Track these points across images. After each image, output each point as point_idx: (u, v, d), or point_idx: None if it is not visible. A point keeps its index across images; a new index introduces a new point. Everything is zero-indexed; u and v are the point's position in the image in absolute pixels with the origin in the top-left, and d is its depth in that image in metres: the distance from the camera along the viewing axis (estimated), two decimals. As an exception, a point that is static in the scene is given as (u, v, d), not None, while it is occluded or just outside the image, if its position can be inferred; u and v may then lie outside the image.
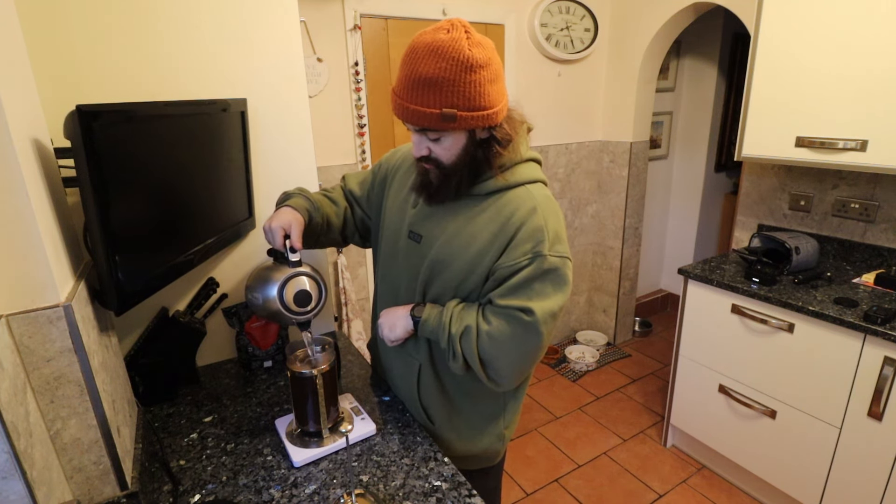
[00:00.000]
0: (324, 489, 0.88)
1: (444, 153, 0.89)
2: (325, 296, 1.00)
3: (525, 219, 0.90)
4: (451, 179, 0.91)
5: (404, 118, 0.85)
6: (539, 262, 0.88)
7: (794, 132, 1.73)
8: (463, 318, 0.93)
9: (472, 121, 0.84)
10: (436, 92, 0.80)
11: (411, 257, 1.00)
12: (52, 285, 0.72)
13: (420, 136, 0.89)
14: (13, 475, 0.61)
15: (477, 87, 0.81)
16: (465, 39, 0.80)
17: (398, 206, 1.05)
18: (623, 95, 2.82)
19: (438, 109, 0.81)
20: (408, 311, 0.99)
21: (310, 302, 0.97)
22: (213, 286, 1.26)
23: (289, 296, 0.95)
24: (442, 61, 0.79)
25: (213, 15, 1.17)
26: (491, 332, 0.90)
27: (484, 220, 0.92)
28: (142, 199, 0.91)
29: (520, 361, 0.93)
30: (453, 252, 0.94)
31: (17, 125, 0.69)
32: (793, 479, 1.78)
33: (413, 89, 0.82)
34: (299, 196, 1.07)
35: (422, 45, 0.81)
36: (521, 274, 0.89)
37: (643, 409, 2.62)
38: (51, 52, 1.01)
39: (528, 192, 0.93)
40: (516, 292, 0.89)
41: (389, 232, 1.07)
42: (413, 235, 1.00)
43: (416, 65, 0.81)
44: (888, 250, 1.88)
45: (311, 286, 0.98)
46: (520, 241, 0.89)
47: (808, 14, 1.63)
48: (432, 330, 0.96)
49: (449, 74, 0.79)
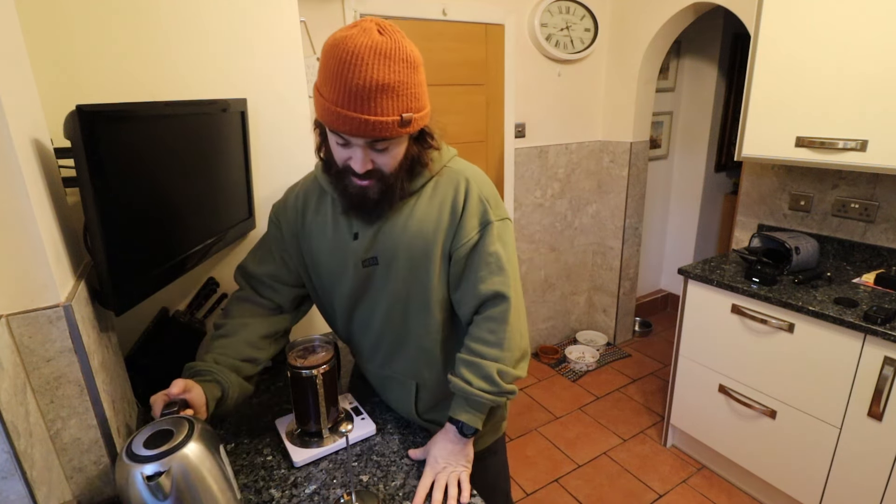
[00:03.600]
0: (324, 489, 0.88)
1: (390, 161, 0.84)
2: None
3: (464, 195, 0.91)
4: (394, 187, 0.87)
5: (359, 132, 0.77)
6: (489, 230, 0.91)
7: (794, 132, 1.73)
8: (484, 374, 0.90)
9: (421, 121, 0.83)
10: (393, 98, 0.76)
11: (375, 282, 0.96)
12: (52, 285, 0.72)
13: (364, 150, 0.82)
14: (13, 475, 0.61)
15: (421, 86, 0.81)
16: (401, 38, 0.77)
17: (332, 247, 0.97)
18: (623, 95, 2.82)
19: (397, 116, 0.77)
20: (457, 436, 0.92)
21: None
22: (213, 286, 1.26)
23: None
24: (394, 64, 0.74)
25: (214, 15, 1.17)
26: (503, 346, 0.91)
27: (426, 209, 0.92)
28: (142, 200, 0.91)
29: (523, 334, 0.95)
30: (413, 252, 0.92)
31: (17, 125, 0.69)
32: (793, 479, 1.78)
33: (370, 99, 0.74)
34: (197, 373, 0.92)
35: (362, 49, 0.73)
36: (477, 248, 0.91)
37: (643, 409, 2.62)
38: (51, 53, 1.01)
39: (452, 169, 0.94)
40: (487, 270, 0.91)
41: (328, 277, 1.00)
42: (368, 262, 0.94)
43: (366, 73, 0.73)
44: (888, 250, 1.88)
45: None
46: (467, 217, 0.91)
47: (808, 14, 1.63)
48: (484, 413, 0.93)
49: (402, 77, 0.76)
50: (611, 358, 3.10)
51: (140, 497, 0.67)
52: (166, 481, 0.67)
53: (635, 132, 2.84)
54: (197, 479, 0.71)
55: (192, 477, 0.71)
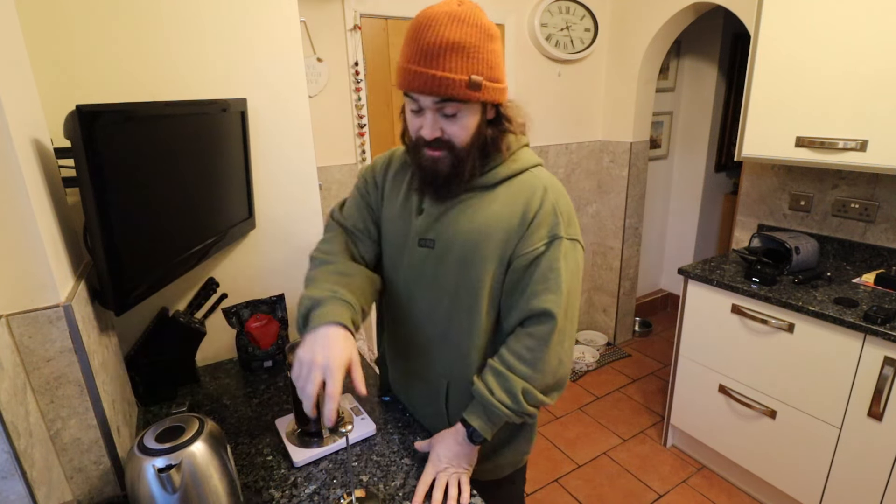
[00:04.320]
0: (324, 489, 0.88)
1: (460, 132, 0.83)
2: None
3: (539, 203, 0.88)
4: (464, 165, 0.85)
5: (427, 88, 0.78)
6: (557, 245, 0.87)
7: (794, 132, 1.73)
8: (508, 388, 0.87)
9: (493, 93, 0.81)
10: (463, 57, 0.77)
11: (427, 265, 0.94)
12: (52, 285, 0.72)
13: (434, 114, 0.82)
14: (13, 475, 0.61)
15: (496, 57, 0.80)
16: (478, 10, 0.80)
17: (398, 215, 0.98)
18: (623, 95, 2.82)
19: (466, 76, 0.77)
20: (466, 440, 0.90)
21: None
22: (213, 286, 1.26)
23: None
24: (466, 27, 0.76)
25: (214, 15, 1.17)
26: (537, 367, 0.87)
27: (497, 208, 0.89)
28: (142, 199, 0.91)
29: (564, 363, 0.91)
30: (473, 247, 0.89)
31: (17, 125, 0.69)
32: (793, 479, 1.78)
33: (438, 56, 0.76)
34: (335, 301, 0.85)
35: (439, 14, 0.77)
36: (542, 261, 0.87)
37: (643, 409, 2.62)
38: (51, 53, 1.01)
39: (534, 175, 0.91)
40: (543, 285, 0.87)
41: (392, 247, 1.00)
42: (424, 242, 0.93)
43: (439, 31, 0.76)
44: (888, 250, 1.88)
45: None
46: (536, 226, 0.87)
47: (808, 14, 1.63)
48: (497, 426, 0.90)
49: (475, 40, 0.77)
50: (611, 358, 3.10)
51: (150, 490, 0.69)
52: (177, 475, 0.69)
53: (635, 132, 2.84)
54: (204, 476, 0.73)
55: (199, 473, 0.72)
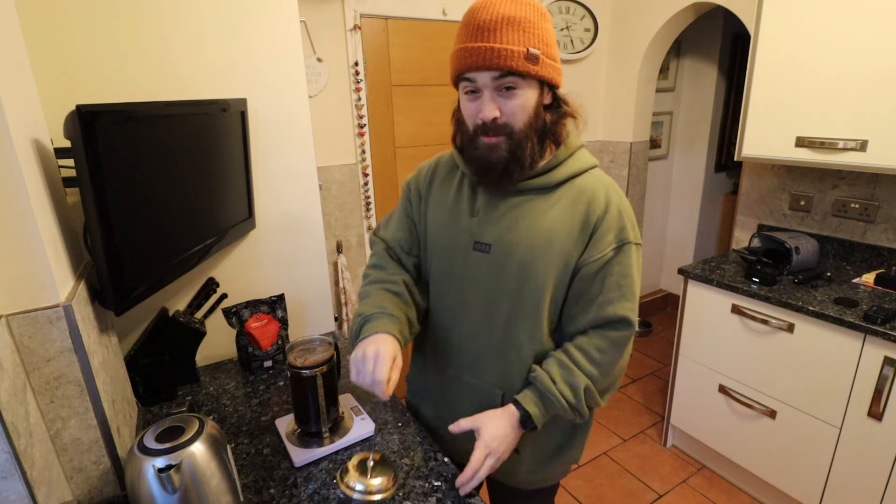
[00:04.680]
0: (324, 489, 0.88)
1: (518, 111, 0.81)
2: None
3: (604, 206, 0.85)
4: (522, 150, 0.83)
5: (486, 62, 0.77)
6: (626, 250, 0.85)
7: (794, 132, 1.73)
8: (571, 383, 0.86)
9: (551, 70, 0.81)
10: (520, 31, 0.77)
11: (482, 271, 0.90)
12: (52, 285, 0.72)
13: (491, 93, 0.80)
14: (13, 475, 0.61)
15: (551, 34, 0.81)
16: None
17: (447, 221, 0.95)
18: (623, 95, 2.82)
19: (524, 48, 0.77)
20: (516, 423, 0.88)
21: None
22: (213, 286, 1.26)
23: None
24: (521, 5, 0.78)
25: (214, 15, 1.17)
26: (602, 371, 0.87)
27: (559, 211, 0.86)
28: (142, 199, 0.91)
29: (623, 367, 0.90)
30: (535, 253, 0.86)
31: (17, 125, 0.69)
32: (793, 479, 1.78)
33: (495, 30, 0.77)
34: (383, 316, 0.90)
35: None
36: (613, 268, 0.85)
37: (643, 409, 2.62)
38: (51, 52, 1.01)
39: (595, 177, 0.89)
40: (618, 292, 0.85)
41: (442, 251, 0.96)
42: (480, 246, 0.90)
43: (494, 9, 0.77)
44: (888, 250, 1.88)
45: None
46: (604, 231, 0.85)
47: (808, 14, 1.63)
48: (547, 418, 0.89)
49: (530, 16, 0.78)
50: (611, 358, 3.10)
51: (150, 490, 0.69)
52: (176, 475, 0.69)
53: (635, 132, 2.84)
54: (204, 476, 0.73)
55: (199, 473, 0.72)
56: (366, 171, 2.22)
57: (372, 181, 2.25)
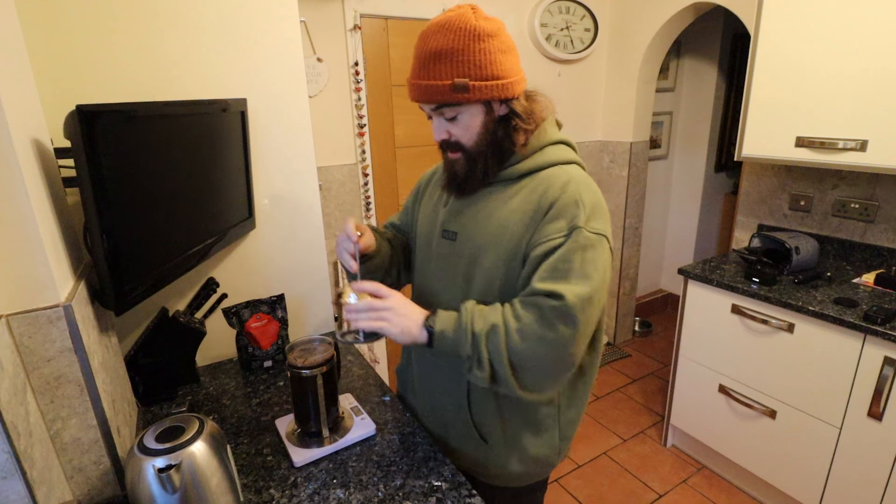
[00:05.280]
0: (324, 489, 0.88)
1: (464, 133, 0.86)
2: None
3: (559, 193, 0.84)
4: (476, 164, 0.88)
5: (418, 97, 0.84)
6: (575, 237, 0.81)
7: (794, 132, 1.73)
8: (487, 316, 0.84)
9: (486, 91, 0.81)
10: (445, 63, 0.80)
11: (448, 257, 0.95)
12: (52, 285, 0.72)
13: (438, 118, 0.87)
14: (13, 475, 0.61)
15: (487, 55, 0.80)
16: (471, 13, 0.81)
17: (430, 211, 1.03)
18: (623, 95, 2.82)
19: (450, 80, 0.80)
20: (422, 320, 0.86)
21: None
22: (213, 286, 1.26)
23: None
24: (450, 33, 0.80)
25: (213, 15, 1.17)
26: (521, 327, 0.81)
27: (517, 201, 0.88)
28: (142, 199, 0.91)
29: (555, 359, 0.82)
30: (488, 240, 0.89)
31: (17, 125, 0.69)
32: (793, 479, 1.78)
33: (424, 66, 0.82)
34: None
35: (430, 25, 0.83)
36: (557, 252, 0.81)
37: (643, 409, 2.62)
38: (51, 52, 1.01)
39: (563, 169, 0.89)
40: (550, 274, 0.81)
41: (422, 238, 1.03)
42: (447, 234, 0.96)
43: (426, 42, 0.81)
44: (888, 250, 1.88)
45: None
46: (553, 216, 0.83)
47: (808, 14, 1.63)
48: (452, 340, 0.84)
49: (457, 44, 0.79)
50: (611, 358, 3.10)
51: (150, 490, 0.70)
52: (176, 475, 0.69)
53: (635, 132, 2.84)
54: (204, 476, 0.73)
55: (199, 473, 0.72)
56: (366, 171, 2.22)
57: (372, 181, 2.26)
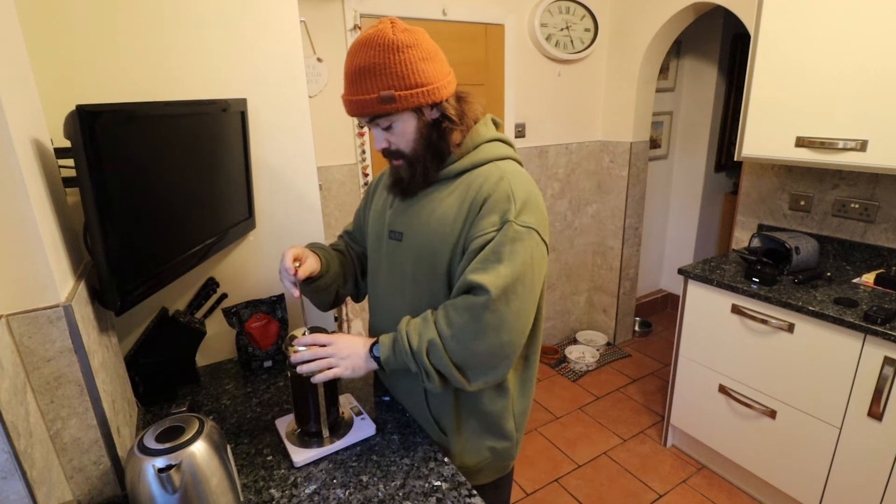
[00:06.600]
0: (324, 489, 0.88)
1: (400, 140, 0.91)
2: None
3: (492, 189, 0.89)
4: (416, 167, 0.93)
5: (352, 112, 0.89)
6: (505, 230, 0.86)
7: (794, 132, 1.73)
8: (422, 333, 0.89)
9: (412, 98, 0.85)
10: (370, 78, 0.84)
11: (396, 257, 1.00)
12: (52, 285, 0.72)
13: (375, 129, 0.92)
14: (13, 475, 0.61)
15: (408, 65, 0.85)
16: (389, 27, 0.86)
17: (378, 213, 1.06)
18: (623, 95, 2.82)
19: (376, 94, 0.84)
20: (366, 352, 0.94)
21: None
22: (213, 286, 1.26)
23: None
24: (371, 49, 0.84)
25: (214, 15, 1.17)
26: (454, 333, 0.87)
27: (454, 198, 0.92)
28: (142, 199, 0.91)
29: (493, 351, 0.87)
30: (430, 237, 0.93)
31: (17, 125, 0.69)
32: (793, 479, 1.78)
33: (353, 83, 0.86)
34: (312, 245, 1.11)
35: (354, 44, 0.87)
36: (489, 246, 0.86)
37: (643, 409, 2.62)
38: (51, 52, 1.01)
39: (497, 166, 0.93)
40: (480, 265, 0.86)
41: (372, 241, 1.07)
42: (393, 234, 1.00)
43: (352, 60, 0.86)
44: (888, 250, 1.88)
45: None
46: (487, 211, 0.88)
47: (808, 14, 1.63)
48: (397, 363, 0.91)
49: (379, 59, 0.83)
50: (611, 358, 3.10)
51: (150, 490, 0.70)
52: (176, 475, 0.69)
53: (635, 132, 2.84)
54: (204, 476, 0.73)
55: (199, 473, 0.72)
56: (366, 171, 2.22)
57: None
